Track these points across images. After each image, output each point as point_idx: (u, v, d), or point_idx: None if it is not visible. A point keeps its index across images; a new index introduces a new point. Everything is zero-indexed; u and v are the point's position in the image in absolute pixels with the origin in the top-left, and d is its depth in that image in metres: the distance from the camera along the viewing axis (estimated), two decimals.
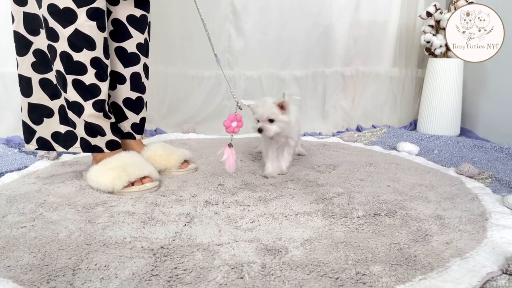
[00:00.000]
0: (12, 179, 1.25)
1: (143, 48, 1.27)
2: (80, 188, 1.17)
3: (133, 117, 1.31)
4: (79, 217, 0.96)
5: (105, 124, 1.18)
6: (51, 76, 1.17)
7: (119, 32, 1.22)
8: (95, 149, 1.19)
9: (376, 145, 1.82)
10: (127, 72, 1.26)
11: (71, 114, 1.16)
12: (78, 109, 1.14)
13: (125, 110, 1.29)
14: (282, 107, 1.20)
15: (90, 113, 1.14)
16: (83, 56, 1.10)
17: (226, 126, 1.17)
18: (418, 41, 2.35)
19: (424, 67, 2.33)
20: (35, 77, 1.17)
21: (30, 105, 1.19)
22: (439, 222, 0.96)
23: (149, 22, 1.30)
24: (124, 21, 1.22)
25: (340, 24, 2.25)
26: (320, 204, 1.07)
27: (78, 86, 1.12)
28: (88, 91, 1.12)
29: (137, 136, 1.34)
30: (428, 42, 2.14)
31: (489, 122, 2.12)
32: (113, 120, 1.21)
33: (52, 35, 1.09)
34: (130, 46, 1.24)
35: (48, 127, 1.21)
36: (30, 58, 1.16)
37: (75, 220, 0.94)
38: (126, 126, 1.32)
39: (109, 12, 1.21)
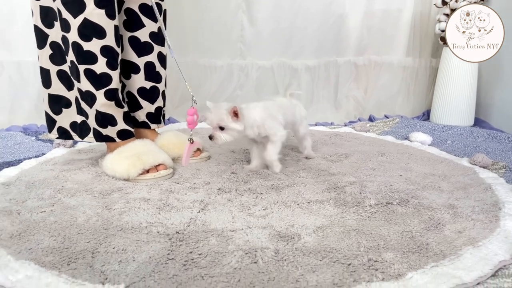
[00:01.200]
0: (30, 166, 1.28)
1: (157, 37, 1.27)
2: (96, 175, 1.19)
3: (148, 107, 1.32)
4: (96, 202, 0.99)
5: (117, 113, 1.19)
6: (66, 67, 1.18)
7: (132, 22, 1.23)
8: (107, 139, 1.21)
9: (388, 135, 1.82)
10: (140, 61, 1.26)
11: (83, 105, 1.18)
12: (90, 99, 1.15)
13: (140, 99, 1.30)
14: (235, 114, 1.13)
15: (102, 102, 1.15)
16: (93, 45, 1.10)
17: (190, 122, 1.15)
18: (432, 30, 2.32)
19: (439, 56, 2.31)
20: (53, 69, 1.20)
21: (50, 96, 1.22)
22: (451, 211, 0.96)
23: (165, 10, 1.30)
24: (137, 10, 1.23)
25: (353, 13, 2.23)
26: (332, 192, 1.07)
27: (90, 75, 1.13)
28: (99, 80, 1.13)
29: (153, 126, 1.35)
30: (443, 31, 2.11)
31: (504, 112, 2.09)
32: (126, 109, 1.22)
33: (65, 26, 1.10)
34: (143, 35, 1.25)
35: (67, 117, 1.23)
36: (47, 50, 1.19)
37: (92, 205, 0.97)
38: (141, 116, 1.33)
39: (122, 2, 1.22)
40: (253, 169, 1.25)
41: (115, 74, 1.15)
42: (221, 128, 1.14)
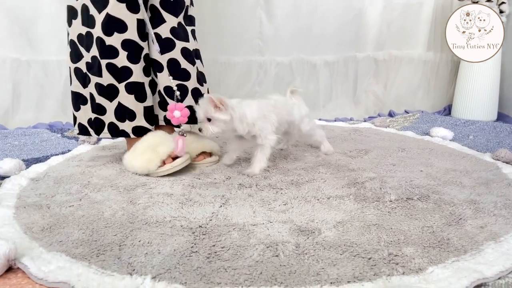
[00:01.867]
0: (57, 162, 1.32)
1: (178, 32, 1.24)
2: (120, 171, 1.23)
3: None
4: (121, 197, 1.02)
5: (138, 108, 1.20)
6: (81, 65, 1.21)
7: (154, 17, 1.22)
8: (122, 134, 1.22)
9: (408, 131, 1.80)
10: (163, 59, 1.24)
11: (101, 100, 1.19)
12: (112, 92, 1.17)
13: (167, 98, 1.26)
14: (220, 103, 1.10)
15: (123, 95, 1.17)
16: (114, 40, 1.13)
17: (170, 118, 1.13)
18: None
19: None
20: (72, 67, 1.23)
21: (72, 93, 1.26)
22: (473, 207, 0.96)
23: (187, 6, 1.27)
24: (158, 5, 1.21)
25: (372, 7, 2.22)
26: (352, 188, 1.08)
27: (111, 69, 1.15)
28: (120, 74, 1.16)
29: (185, 126, 1.30)
30: None
31: None
32: (148, 103, 1.22)
33: (91, 22, 1.13)
34: (164, 31, 1.22)
35: (84, 114, 1.25)
36: (68, 49, 1.23)
37: (118, 200, 1.00)
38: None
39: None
40: (227, 162, 1.26)
41: (136, 68, 1.17)
42: (209, 120, 1.12)
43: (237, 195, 1.04)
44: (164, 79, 1.24)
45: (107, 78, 1.16)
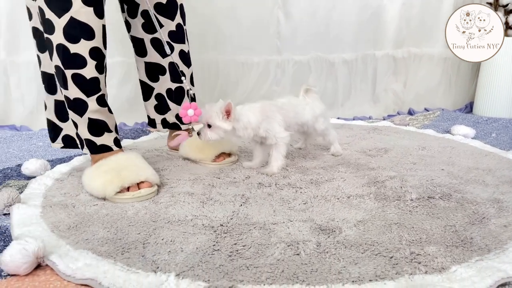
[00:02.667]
0: (80, 162, 1.35)
1: (177, 35, 1.22)
2: None
3: (175, 108, 1.30)
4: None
5: (111, 121, 1.11)
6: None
7: (151, 22, 1.17)
8: (103, 149, 1.09)
9: (429, 129, 1.78)
10: (165, 62, 1.24)
11: (72, 114, 1.07)
12: (81, 107, 1.05)
13: (168, 101, 1.28)
14: (227, 112, 1.11)
15: (94, 109, 1.05)
16: (81, 47, 1.00)
17: (183, 115, 1.13)
18: None
19: None
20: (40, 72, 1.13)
21: (57, 102, 1.15)
22: (496, 206, 0.95)
23: (181, 4, 1.23)
24: (153, 10, 1.17)
25: (391, 4, 2.19)
26: (372, 187, 1.08)
27: (79, 81, 1.02)
28: (89, 86, 1.04)
29: (183, 126, 1.33)
30: None
31: None
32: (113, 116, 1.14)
33: (49, 27, 1.00)
34: (163, 35, 1.19)
35: (72, 125, 1.12)
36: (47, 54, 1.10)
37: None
38: (170, 118, 1.32)
39: (137, 4, 1.19)
40: (252, 166, 1.25)
41: (102, 78, 1.07)
42: (209, 126, 1.13)
43: (257, 194, 1.05)
44: (167, 82, 1.24)
45: (73, 91, 1.03)
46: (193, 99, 1.17)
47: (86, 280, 0.68)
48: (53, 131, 1.18)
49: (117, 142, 1.11)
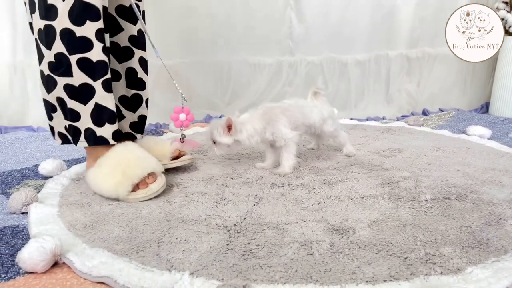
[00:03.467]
0: None
1: (137, 40, 1.16)
2: None
3: (130, 116, 1.21)
4: (157, 196, 1.05)
5: (113, 109, 1.05)
6: (43, 66, 1.03)
7: (110, 26, 1.10)
8: (100, 141, 1.05)
9: (443, 129, 1.76)
10: (121, 68, 1.16)
11: (73, 104, 1.02)
12: (87, 92, 1.01)
13: (122, 109, 1.19)
14: (228, 127, 1.14)
15: (101, 95, 1.01)
16: (87, 30, 0.97)
17: (173, 119, 1.12)
18: None
19: None
20: (39, 69, 1.07)
21: (43, 101, 1.10)
22: None
23: (143, 11, 1.18)
24: (113, 13, 1.11)
25: (405, 4, 2.18)
26: (386, 187, 1.07)
27: (85, 65, 0.99)
28: (96, 69, 0.99)
29: (138, 136, 1.25)
30: (502, 19, 2.01)
31: None
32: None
33: (50, 13, 0.96)
34: (122, 40, 1.14)
35: (59, 121, 1.08)
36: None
37: (154, 199, 1.03)
38: (124, 126, 1.22)
39: None
40: (265, 167, 1.26)
41: (107, 62, 1.02)
42: (214, 142, 1.17)
43: (270, 194, 1.05)
44: (121, 88, 1.17)
45: (79, 77, 0.99)
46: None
47: (102, 278, 0.69)
48: (51, 129, 1.13)
49: (116, 135, 1.06)
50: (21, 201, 0.98)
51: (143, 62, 1.19)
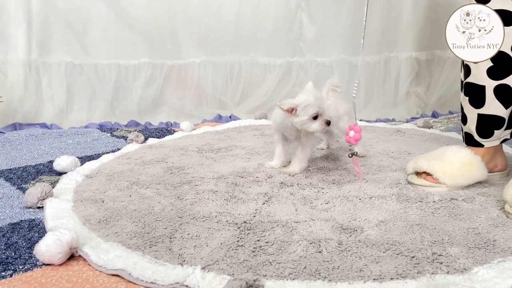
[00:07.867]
0: (108, 160, 1.40)
1: None
2: (167, 168, 1.28)
3: None
4: (169, 193, 1.07)
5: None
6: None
7: None
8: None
9: (453, 132, 1.76)
10: None
11: None
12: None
13: None
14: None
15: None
16: None
17: (346, 134, 1.15)
18: None
19: None
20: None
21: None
22: None
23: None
24: None
25: (415, 7, 2.18)
26: (395, 188, 1.08)
27: None
28: None
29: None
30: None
31: None
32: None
33: None
34: None
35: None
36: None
37: (166, 196, 1.05)
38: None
39: None
40: (274, 166, 1.26)
41: None
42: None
43: (279, 193, 1.06)
44: None
45: None
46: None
47: (117, 271, 0.71)
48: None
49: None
50: (37, 195, 1.00)
51: None
